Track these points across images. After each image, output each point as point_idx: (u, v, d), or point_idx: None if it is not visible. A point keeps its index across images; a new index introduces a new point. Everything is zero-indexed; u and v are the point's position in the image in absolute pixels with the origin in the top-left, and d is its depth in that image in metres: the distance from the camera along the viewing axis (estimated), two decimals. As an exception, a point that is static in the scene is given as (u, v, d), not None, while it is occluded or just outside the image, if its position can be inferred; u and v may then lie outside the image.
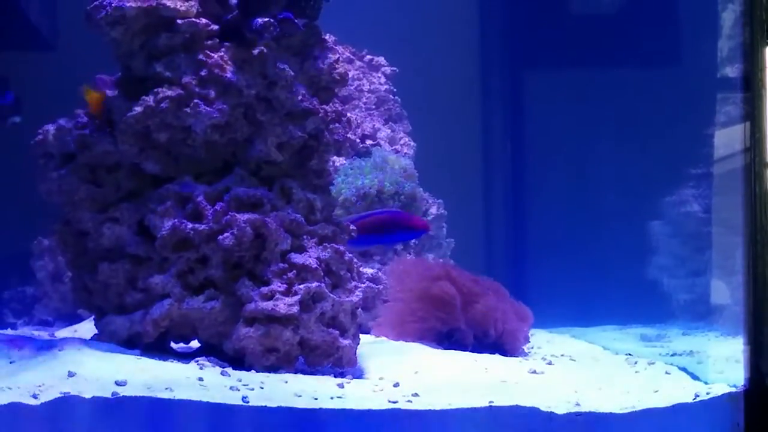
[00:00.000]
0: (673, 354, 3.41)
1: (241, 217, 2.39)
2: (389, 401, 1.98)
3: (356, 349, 2.52)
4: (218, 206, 2.42)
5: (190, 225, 2.39)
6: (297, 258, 2.43)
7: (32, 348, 2.30)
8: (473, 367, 2.65)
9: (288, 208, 2.51)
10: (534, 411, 1.90)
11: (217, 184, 2.49)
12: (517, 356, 3.12)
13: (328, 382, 2.21)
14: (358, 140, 4.38)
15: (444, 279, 3.25)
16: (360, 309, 2.56)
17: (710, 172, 4.56)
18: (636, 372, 2.68)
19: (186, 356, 2.40)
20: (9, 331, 3.98)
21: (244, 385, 2.06)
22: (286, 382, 2.18)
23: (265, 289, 2.37)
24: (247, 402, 1.88)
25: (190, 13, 2.49)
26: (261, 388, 2.05)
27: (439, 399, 2.02)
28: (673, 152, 5.02)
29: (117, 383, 1.94)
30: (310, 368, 2.43)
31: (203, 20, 2.50)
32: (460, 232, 4.53)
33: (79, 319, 3.89)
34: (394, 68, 4.94)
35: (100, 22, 2.47)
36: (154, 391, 1.90)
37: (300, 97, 2.56)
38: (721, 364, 2.94)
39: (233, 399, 1.90)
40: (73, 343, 2.33)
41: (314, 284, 2.40)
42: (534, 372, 2.59)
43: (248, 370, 2.31)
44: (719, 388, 2.11)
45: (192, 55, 2.47)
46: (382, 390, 2.17)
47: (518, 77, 5.97)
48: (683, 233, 4.99)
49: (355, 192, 3.83)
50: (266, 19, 2.48)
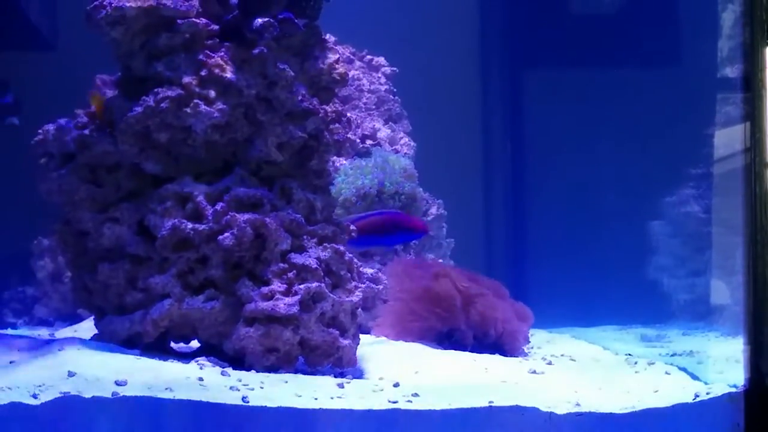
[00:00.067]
0: (673, 354, 3.41)
1: (241, 217, 2.39)
2: (389, 401, 1.98)
3: (356, 349, 2.52)
4: (218, 206, 2.42)
5: (190, 225, 2.39)
6: (297, 258, 2.43)
7: (32, 348, 2.30)
8: (473, 367, 2.65)
9: (288, 209, 2.51)
10: (534, 411, 1.90)
11: (218, 184, 2.49)
12: (517, 356, 3.12)
13: (328, 382, 2.21)
14: (358, 140, 4.37)
15: (444, 279, 3.25)
16: (360, 309, 2.56)
17: (710, 172, 4.56)
18: (636, 372, 2.68)
19: (186, 356, 2.40)
20: (9, 331, 3.98)
21: (244, 385, 2.06)
22: (286, 382, 2.18)
23: (265, 289, 2.37)
24: (247, 402, 1.88)
25: (190, 13, 2.49)
26: (261, 388, 2.05)
27: (439, 399, 2.02)
28: (673, 152, 5.02)
29: (117, 383, 1.94)
30: (310, 368, 2.43)
31: (203, 20, 2.50)
32: (460, 232, 4.53)
33: (79, 319, 3.89)
34: (394, 68, 4.94)
35: (100, 22, 2.46)
36: (154, 391, 1.90)
37: (300, 97, 2.56)
38: (721, 364, 2.94)
39: (233, 399, 1.90)
40: (73, 343, 2.33)
41: (314, 284, 2.40)
42: (534, 372, 2.59)
43: (248, 370, 2.31)
44: (719, 389, 2.11)
45: (192, 55, 2.47)
46: (382, 390, 2.17)
47: (518, 77, 5.97)
48: (683, 233, 4.99)
49: (355, 192, 3.83)
50: (266, 19, 2.49)
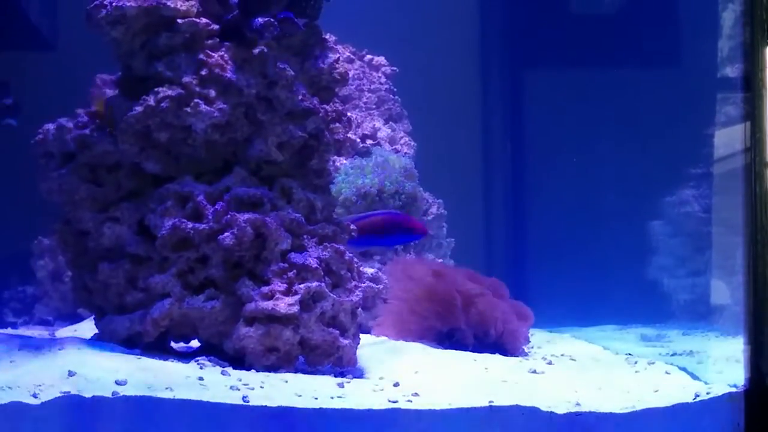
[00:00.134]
0: (673, 354, 3.41)
1: (242, 216, 2.39)
2: (389, 401, 1.98)
3: (356, 348, 2.52)
4: (218, 206, 2.42)
5: (190, 224, 2.39)
6: (297, 258, 2.43)
7: (32, 347, 2.30)
8: (473, 366, 2.65)
9: (288, 208, 2.51)
10: (534, 411, 1.90)
11: (218, 183, 2.49)
12: (518, 356, 3.12)
13: (328, 381, 2.21)
14: (358, 140, 4.38)
15: (444, 278, 3.25)
16: (360, 308, 2.56)
17: (710, 172, 4.56)
18: (636, 372, 2.68)
19: (186, 356, 2.40)
20: (9, 330, 3.98)
21: (245, 384, 2.06)
22: (287, 381, 2.18)
23: (265, 289, 2.37)
24: (248, 402, 1.88)
25: (190, 12, 2.49)
26: (261, 387, 2.05)
27: (439, 399, 2.02)
28: (673, 152, 5.02)
29: (117, 383, 1.94)
30: (311, 368, 2.43)
31: (204, 20, 2.50)
32: (460, 232, 4.53)
33: (79, 318, 3.90)
34: (394, 68, 4.94)
35: (101, 21, 2.47)
36: (155, 390, 1.90)
37: (300, 97, 2.56)
38: (721, 364, 2.94)
39: (233, 399, 1.90)
40: (74, 343, 2.33)
41: (314, 284, 2.40)
42: (534, 372, 2.59)
43: (248, 369, 2.31)
44: (719, 388, 2.11)
45: (192, 54, 2.47)
46: (382, 390, 2.17)
47: (518, 77, 5.97)
48: (683, 233, 5.00)
49: (356, 191, 3.83)
50: (267, 19, 2.48)
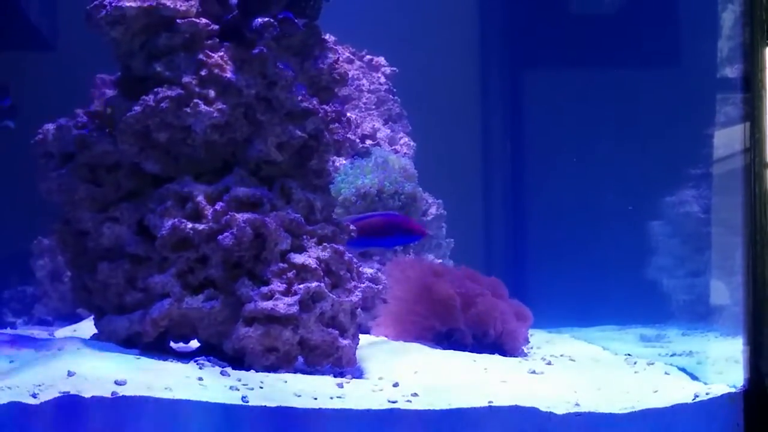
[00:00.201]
0: (673, 354, 3.41)
1: (241, 216, 2.39)
2: (389, 401, 1.98)
3: (356, 348, 2.52)
4: (218, 206, 2.42)
5: (189, 225, 2.39)
6: (296, 258, 2.43)
7: (32, 347, 2.30)
8: (472, 367, 2.65)
9: (288, 208, 2.51)
10: (533, 411, 1.90)
11: (217, 183, 2.49)
12: (517, 356, 3.12)
13: (327, 381, 2.21)
14: (357, 140, 4.37)
15: (443, 279, 3.25)
16: (359, 309, 2.56)
17: (710, 172, 4.56)
18: (635, 372, 2.68)
19: (185, 356, 2.40)
20: (8, 330, 3.98)
21: (244, 384, 2.06)
22: (286, 381, 2.18)
23: (264, 289, 2.37)
24: (247, 402, 1.88)
25: (190, 12, 2.49)
26: (260, 387, 2.05)
27: (438, 399, 2.02)
28: (673, 152, 5.02)
29: (116, 383, 1.94)
30: (310, 368, 2.43)
31: (203, 20, 2.50)
32: (460, 232, 4.53)
33: (78, 318, 3.90)
34: (394, 68, 4.94)
35: (100, 21, 2.47)
36: (154, 390, 1.90)
37: (300, 97, 2.56)
38: (720, 364, 2.94)
39: (233, 399, 1.90)
40: (73, 343, 2.33)
41: (314, 284, 2.40)
42: (533, 372, 2.59)
43: (248, 369, 2.31)
44: (719, 389, 2.11)
45: (192, 54, 2.47)
46: (381, 390, 2.17)
47: (518, 77, 5.97)
48: (683, 233, 5.00)
49: (355, 192, 3.83)
50: (266, 19, 2.49)
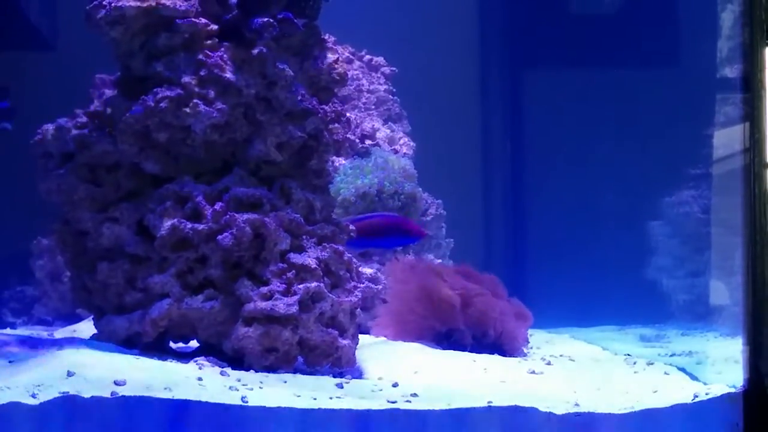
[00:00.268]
0: (672, 354, 3.41)
1: (241, 217, 2.39)
2: (388, 401, 1.98)
3: (355, 349, 2.52)
4: (217, 206, 2.42)
5: (189, 225, 2.39)
6: (296, 258, 2.43)
7: (31, 347, 2.30)
8: (472, 367, 2.65)
9: (287, 208, 2.51)
10: (533, 411, 1.90)
11: (217, 184, 2.49)
12: (516, 356, 3.12)
13: (327, 382, 2.21)
14: (357, 140, 4.37)
15: (443, 279, 3.25)
16: (359, 309, 2.56)
17: (710, 172, 4.56)
18: (635, 372, 2.68)
19: (185, 356, 2.40)
20: (8, 330, 3.98)
21: (243, 384, 2.06)
22: (285, 382, 2.18)
23: (264, 289, 2.37)
24: (246, 402, 1.88)
25: (189, 12, 2.48)
26: (260, 387, 2.05)
27: (438, 399, 2.02)
28: (672, 152, 5.03)
29: (116, 383, 1.94)
30: (309, 368, 2.43)
31: (203, 20, 2.50)
32: (459, 232, 4.53)
33: (78, 318, 3.90)
34: (393, 68, 4.94)
35: (100, 21, 2.46)
36: (153, 390, 1.90)
37: (299, 97, 2.56)
38: (720, 364, 2.94)
39: (232, 399, 1.89)
40: (73, 343, 2.34)
41: (313, 284, 2.40)
42: (533, 372, 2.59)
43: (247, 369, 2.31)
44: (718, 389, 2.10)
45: (192, 54, 2.47)
46: (381, 390, 2.17)
47: (518, 77, 5.97)
48: (682, 234, 5.00)
49: (355, 192, 3.83)
50: (266, 19, 2.48)
